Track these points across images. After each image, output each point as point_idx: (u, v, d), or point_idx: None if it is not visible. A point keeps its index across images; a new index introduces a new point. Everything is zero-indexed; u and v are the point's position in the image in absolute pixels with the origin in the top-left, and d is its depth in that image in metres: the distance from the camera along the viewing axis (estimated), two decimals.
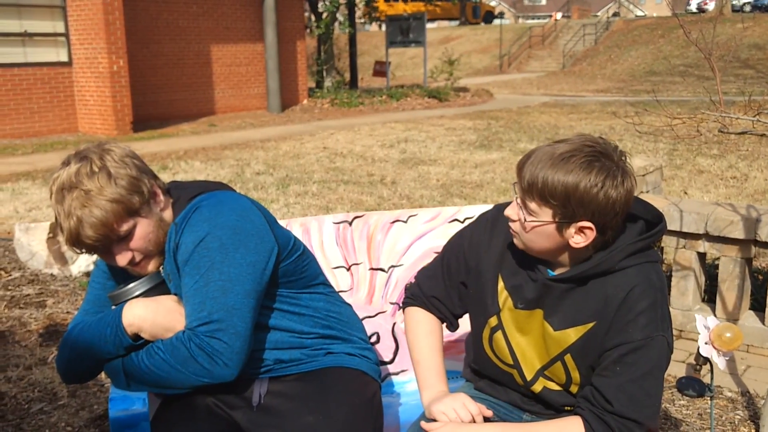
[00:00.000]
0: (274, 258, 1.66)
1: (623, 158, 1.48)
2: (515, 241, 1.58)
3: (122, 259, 1.62)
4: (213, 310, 1.54)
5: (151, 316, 1.61)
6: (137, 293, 1.67)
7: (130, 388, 1.63)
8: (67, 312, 4.00)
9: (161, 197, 1.68)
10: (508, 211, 1.56)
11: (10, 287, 4.36)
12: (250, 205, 1.68)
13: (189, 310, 1.58)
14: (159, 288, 1.69)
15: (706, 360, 2.13)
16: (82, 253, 1.61)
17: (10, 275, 4.55)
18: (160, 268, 1.71)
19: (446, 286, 1.76)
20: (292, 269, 1.74)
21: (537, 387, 1.65)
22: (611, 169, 1.44)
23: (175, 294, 1.67)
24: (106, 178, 1.57)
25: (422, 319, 1.78)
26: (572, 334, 1.56)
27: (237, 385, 1.73)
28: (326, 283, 1.88)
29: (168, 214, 1.70)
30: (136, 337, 1.63)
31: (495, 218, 1.70)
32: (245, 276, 1.59)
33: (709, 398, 2.91)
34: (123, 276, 1.77)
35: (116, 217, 1.57)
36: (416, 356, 1.74)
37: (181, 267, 1.61)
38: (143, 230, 1.62)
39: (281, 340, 1.74)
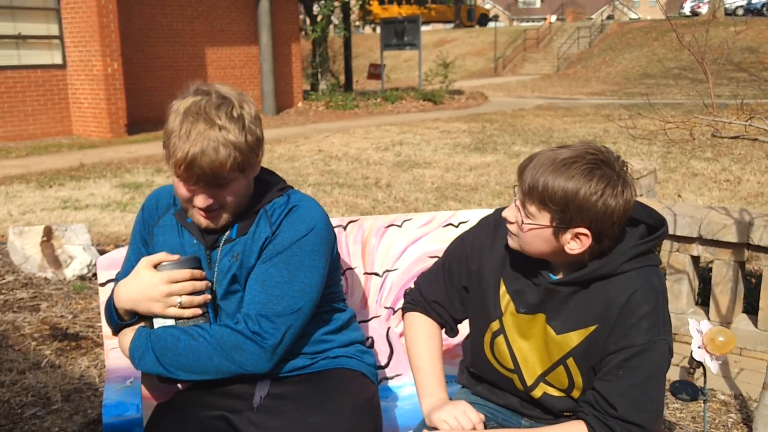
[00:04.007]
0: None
1: (625, 168, 1.48)
2: (510, 242, 1.59)
3: (203, 201, 1.65)
4: (288, 306, 1.65)
5: (136, 295, 1.66)
6: None
7: (156, 368, 1.64)
8: (61, 315, 3.99)
9: (258, 167, 1.75)
10: (506, 213, 1.57)
11: (3, 291, 4.34)
12: (328, 216, 1.82)
13: (264, 297, 1.65)
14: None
15: (699, 364, 2.14)
16: (179, 176, 1.62)
17: (4, 279, 4.54)
18: (197, 254, 1.74)
19: (447, 290, 1.76)
20: (330, 282, 1.84)
21: (537, 393, 1.65)
22: (612, 178, 1.44)
23: (235, 274, 1.71)
24: (241, 127, 1.61)
25: (422, 325, 1.78)
26: (574, 338, 1.56)
27: (237, 388, 1.75)
28: (344, 297, 1.96)
29: (252, 185, 1.75)
30: (132, 314, 1.69)
31: (497, 222, 1.70)
32: (319, 285, 1.72)
33: (702, 401, 2.92)
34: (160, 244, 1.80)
35: (232, 166, 1.60)
36: (416, 363, 1.74)
37: (268, 255, 1.68)
38: (239, 187, 1.67)
39: (302, 343, 1.78)
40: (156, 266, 1.67)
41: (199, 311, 1.67)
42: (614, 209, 1.44)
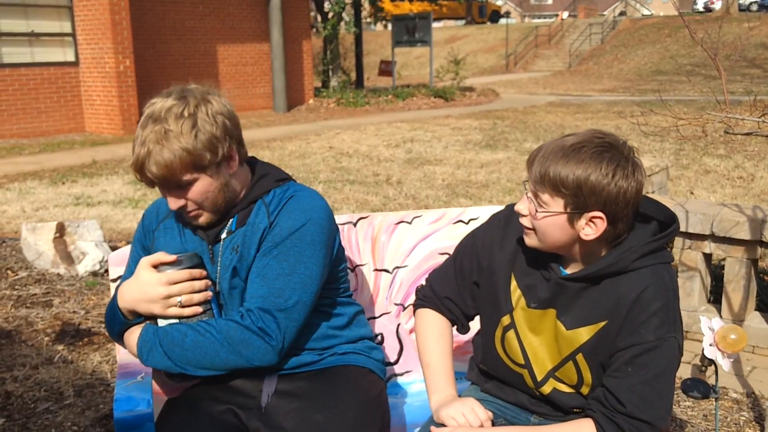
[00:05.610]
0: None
1: (632, 153, 1.49)
2: (527, 240, 1.58)
3: (174, 204, 1.66)
4: (290, 299, 1.64)
5: (137, 295, 1.67)
6: None
7: (165, 363, 1.64)
8: (74, 311, 4.02)
9: (235, 163, 1.71)
10: (519, 206, 1.57)
11: (16, 287, 4.38)
12: (329, 207, 1.80)
13: (266, 291, 1.65)
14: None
15: (711, 361, 2.13)
16: (140, 181, 1.65)
17: (17, 275, 4.57)
18: (196, 252, 1.74)
19: (459, 286, 1.76)
20: (336, 277, 1.84)
21: (546, 388, 1.65)
22: (621, 160, 1.45)
23: (235, 267, 1.71)
24: (190, 126, 1.60)
25: (433, 322, 1.78)
26: (584, 334, 1.56)
27: (245, 384, 1.75)
28: (350, 292, 1.96)
29: (237, 183, 1.73)
30: (136, 314, 1.70)
31: (508, 217, 1.71)
32: (320, 276, 1.71)
33: (714, 399, 2.91)
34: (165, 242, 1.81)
35: (182, 166, 1.60)
36: (426, 360, 1.74)
37: (268, 247, 1.68)
38: (203, 186, 1.65)
39: (309, 338, 1.78)
40: (156, 266, 1.68)
41: (199, 309, 1.67)
42: (627, 189, 1.45)
